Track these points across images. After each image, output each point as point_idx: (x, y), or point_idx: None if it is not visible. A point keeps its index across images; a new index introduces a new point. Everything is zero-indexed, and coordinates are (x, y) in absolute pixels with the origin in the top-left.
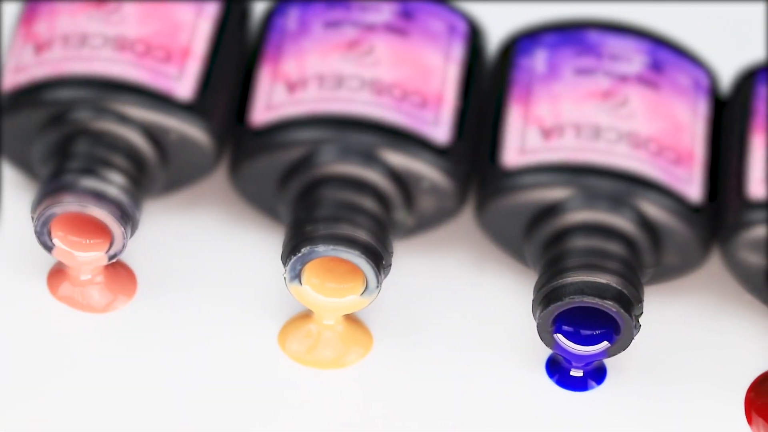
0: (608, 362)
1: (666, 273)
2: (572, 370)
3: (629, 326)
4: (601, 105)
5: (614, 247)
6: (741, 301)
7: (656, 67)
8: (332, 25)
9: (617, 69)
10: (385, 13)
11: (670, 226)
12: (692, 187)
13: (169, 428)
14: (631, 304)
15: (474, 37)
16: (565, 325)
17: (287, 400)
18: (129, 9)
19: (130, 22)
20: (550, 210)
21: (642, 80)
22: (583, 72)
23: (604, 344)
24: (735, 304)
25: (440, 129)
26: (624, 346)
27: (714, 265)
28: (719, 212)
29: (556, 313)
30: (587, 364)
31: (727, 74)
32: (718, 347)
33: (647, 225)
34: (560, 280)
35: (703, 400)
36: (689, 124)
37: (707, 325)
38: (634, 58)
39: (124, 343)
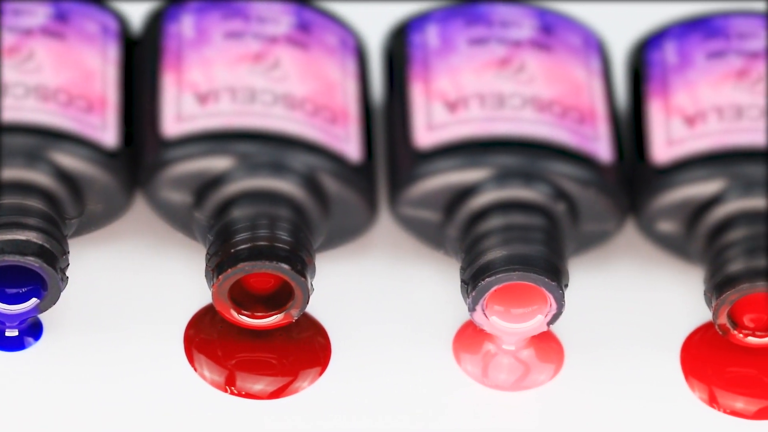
0: (43, 317)
1: (91, 222)
2: (7, 330)
3: (55, 280)
4: None
5: (33, 202)
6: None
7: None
8: None
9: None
10: None
11: (87, 174)
12: (106, 133)
13: None
14: (55, 257)
15: None
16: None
17: None
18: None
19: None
20: None
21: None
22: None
23: (34, 301)
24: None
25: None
26: (54, 300)
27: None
28: (138, 154)
29: None
30: (21, 323)
31: None
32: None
33: (64, 176)
34: None
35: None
36: (99, 71)
37: (145, 266)
38: None
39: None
